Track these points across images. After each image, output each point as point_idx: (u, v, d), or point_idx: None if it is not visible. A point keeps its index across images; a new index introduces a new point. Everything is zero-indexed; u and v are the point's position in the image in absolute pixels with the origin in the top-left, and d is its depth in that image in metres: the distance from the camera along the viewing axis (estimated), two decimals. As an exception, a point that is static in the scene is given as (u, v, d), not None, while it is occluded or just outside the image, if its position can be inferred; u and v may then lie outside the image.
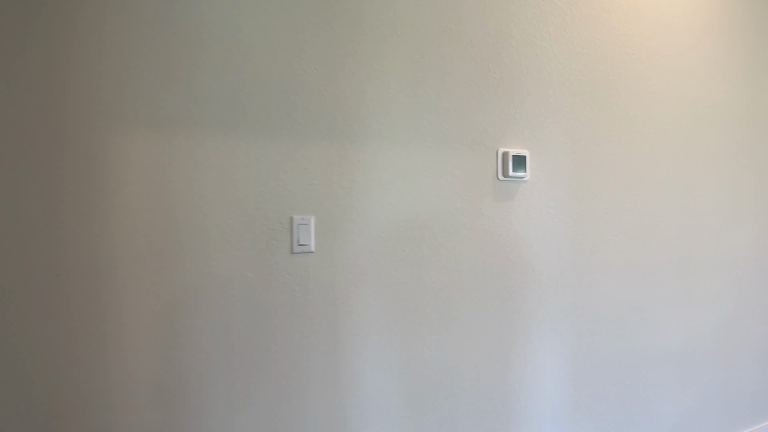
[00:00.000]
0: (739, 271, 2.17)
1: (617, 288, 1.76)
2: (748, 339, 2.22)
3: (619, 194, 1.76)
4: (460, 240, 1.44)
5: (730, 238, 2.12)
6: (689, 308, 1.98)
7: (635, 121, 1.81)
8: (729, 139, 2.11)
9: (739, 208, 2.16)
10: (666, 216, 1.90)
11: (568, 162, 1.64)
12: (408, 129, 1.37)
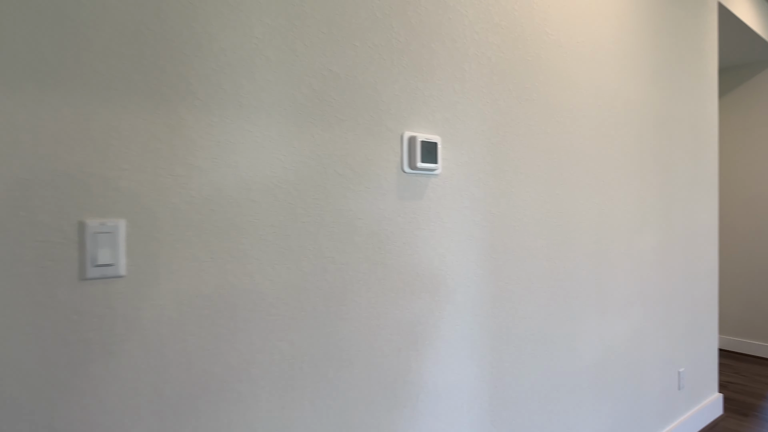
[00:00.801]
0: (645, 276, 2.09)
1: (539, 301, 1.53)
2: (653, 345, 2.15)
3: (540, 193, 1.53)
4: (355, 250, 1.08)
5: (638, 241, 2.03)
6: (604, 319, 1.83)
7: (556, 111, 1.59)
8: (638, 138, 2.02)
9: (646, 210, 2.08)
10: (584, 218, 1.72)
11: (486, 153, 1.36)
12: (281, 96, 0.97)
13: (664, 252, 2.20)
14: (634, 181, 2.00)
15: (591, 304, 1.75)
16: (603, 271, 1.81)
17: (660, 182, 2.17)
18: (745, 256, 3.90)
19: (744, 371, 3.48)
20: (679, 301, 2.32)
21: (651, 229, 2.11)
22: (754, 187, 3.85)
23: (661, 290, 2.18)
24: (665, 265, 2.21)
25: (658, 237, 2.16)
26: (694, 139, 2.45)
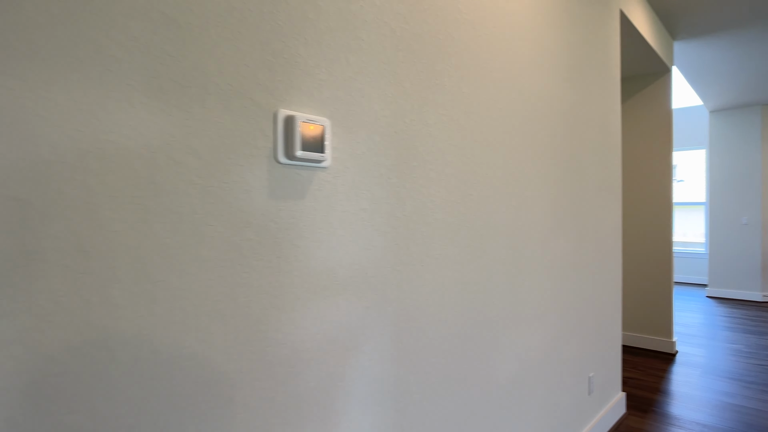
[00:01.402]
0: (560, 281, 1.99)
1: (450, 317, 1.32)
2: (567, 353, 2.07)
3: (453, 193, 1.32)
4: (202, 270, 0.77)
5: (553, 245, 1.92)
6: (520, 331, 1.68)
7: (470, 101, 1.40)
8: (552, 137, 1.91)
9: (560, 213, 1.98)
10: (500, 222, 1.55)
11: (389, 144, 1.12)
12: (74, 42, 0.64)
13: (577, 255, 2.13)
14: (549, 182, 1.88)
15: (507, 316, 1.59)
16: (519, 278, 1.66)
17: (573, 184, 2.09)
18: (637, 255, 4.11)
19: (640, 365, 3.64)
20: (589, 305, 2.28)
21: (565, 233, 2.02)
22: (645, 189, 4.07)
23: (574, 295, 2.11)
24: (577, 269, 2.14)
25: (572, 240, 2.08)
26: (603, 142, 2.43)
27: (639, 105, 4.11)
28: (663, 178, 4.00)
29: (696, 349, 4.10)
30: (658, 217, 4.02)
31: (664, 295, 4.00)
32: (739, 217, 6.49)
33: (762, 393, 3.10)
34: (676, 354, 3.95)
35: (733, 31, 3.72)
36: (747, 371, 3.53)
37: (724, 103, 6.30)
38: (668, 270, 3.98)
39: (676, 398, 3.00)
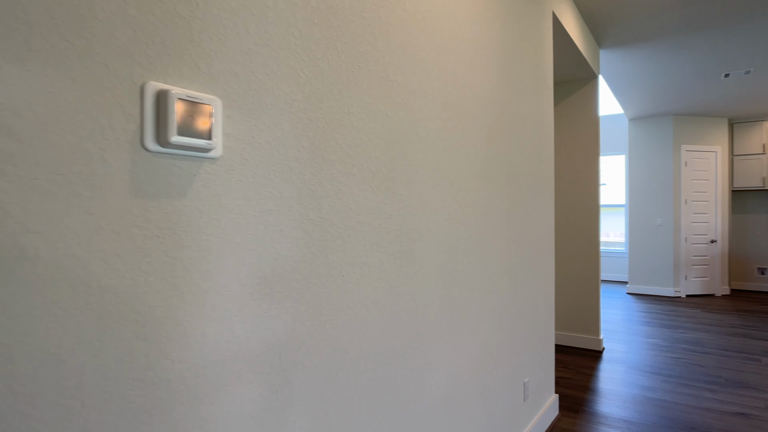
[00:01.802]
0: (495, 287, 1.91)
1: (377, 334, 1.16)
2: (502, 361, 1.99)
3: (379, 192, 1.17)
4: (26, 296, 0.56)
5: (488, 249, 1.83)
6: (454, 343, 1.56)
7: (399, 89, 1.25)
8: (488, 135, 1.82)
9: (496, 214, 1.90)
10: (432, 224, 1.42)
11: (301, 133, 0.94)
12: None
13: (512, 258, 2.07)
14: (484, 182, 1.79)
15: (440, 327, 1.46)
16: (453, 285, 1.54)
17: (508, 184, 2.02)
18: (567, 255, 4.22)
19: (571, 364, 3.71)
20: (524, 308, 2.23)
21: (500, 235, 1.94)
22: (574, 192, 4.18)
23: (509, 299, 2.03)
24: (512, 272, 2.08)
25: (507, 242, 2.01)
26: (537, 142, 2.40)
27: (568, 110, 4.21)
28: (590, 182, 4.12)
29: (620, 345, 4.27)
30: (586, 218, 4.14)
31: (592, 294, 4.12)
32: (654, 219, 6.94)
33: (679, 386, 3.24)
34: (603, 351, 4.09)
35: (651, 43, 3.91)
36: (665, 365, 3.70)
37: (641, 112, 6.71)
38: (596, 270, 4.10)
39: (605, 396, 3.06)
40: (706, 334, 4.67)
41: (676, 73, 4.85)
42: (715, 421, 2.70)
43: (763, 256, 7.32)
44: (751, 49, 4.09)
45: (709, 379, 3.38)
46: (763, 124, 6.92)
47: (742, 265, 7.45)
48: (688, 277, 6.90)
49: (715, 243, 7.03)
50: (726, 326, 5.01)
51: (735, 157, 7.14)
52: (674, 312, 5.76)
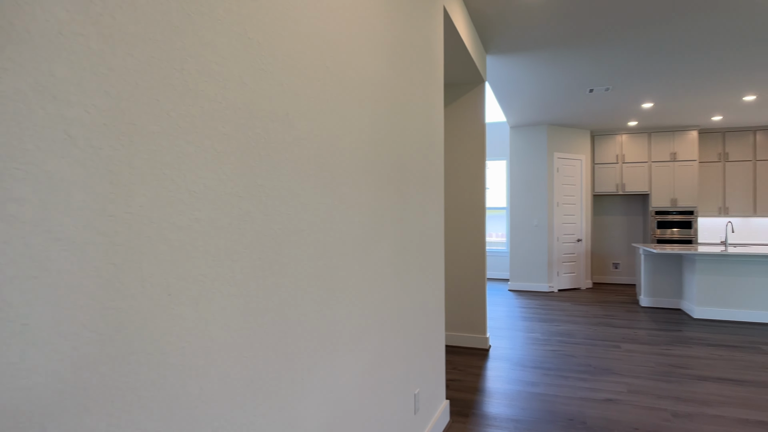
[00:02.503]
0: (382, 293, 1.72)
1: (228, 372, 0.88)
2: (391, 376, 1.81)
3: (229, 182, 0.89)
4: None
5: (375, 252, 1.64)
6: (335, 363, 1.33)
7: (260, 52, 0.99)
8: (374, 124, 1.62)
9: (383, 212, 1.72)
10: (306, 224, 1.17)
11: (91, 85, 0.63)
12: None
13: (401, 260, 1.90)
14: (372, 175, 1.59)
15: (318, 346, 1.22)
16: (333, 295, 1.31)
17: (397, 179, 1.86)
18: (455, 256, 4.26)
19: (461, 365, 3.71)
20: (414, 314, 2.08)
21: (388, 236, 1.76)
22: (461, 194, 4.24)
23: (398, 306, 1.86)
24: (401, 276, 1.91)
25: (396, 245, 1.84)
26: (427, 136, 2.28)
27: (456, 113, 4.25)
28: (477, 185, 4.20)
29: (504, 342, 4.41)
30: (473, 220, 4.20)
31: (479, 294, 4.20)
32: (531, 220, 7.46)
33: (558, 378, 3.39)
34: (489, 349, 4.18)
35: (531, 54, 4.11)
36: (544, 358, 3.88)
37: (520, 121, 7.17)
38: (482, 270, 4.19)
39: (493, 396, 3.07)
40: (575, 326, 5.05)
41: (551, 85, 5.21)
42: (589, 410, 2.83)
43: (617, 252, 8.28)
44: (611, 68, 4.52)
45: (581, 369, 3.60)
46: (616, 137, 7.83)
47: (601, 261, 8.35)
48: (559, 273, 7.53)
49: (581, 242, 7.77)
50: (591, 317, 5.49)
51: (596, 165, 7.97)
52: (549, 306, 6.20)
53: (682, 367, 3.65)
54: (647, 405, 2.91)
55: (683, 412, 2.81)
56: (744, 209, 7.51)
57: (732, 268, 5.36)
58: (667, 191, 7.58)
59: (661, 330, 4.87)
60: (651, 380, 3.36)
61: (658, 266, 6.08)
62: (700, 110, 6.41)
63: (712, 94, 5.60)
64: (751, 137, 7.48)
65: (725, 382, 3.32)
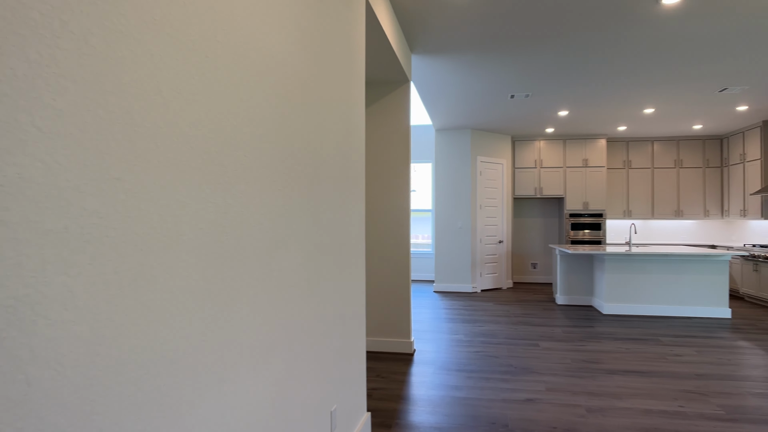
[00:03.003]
0: (291, 305, 1.55)
1: (67, 418, 0.67)
2: (304, 395, 1.63)
3: (57, 170, 0.68)
4: None
5: (281, 259, 1.46)
6: (226, 387, 1.13)
7: (109, 5, 0.78)
8: (282, 114, 1.45)
9: (292, 213, 1.54)
10: (184, 227, 0.97)
11: None
12: None
13: (315, 267, 1.73)
14: (278, 172, 1.41)
15: (201, 375, 1.02)
16: (226, 311, 1.11)
17: (311, 177, 1.69)
18: (378, 259, 4.15)
19: (384, 372, 3.60)
20: (331, 325, 1.92)
21: (300, 239, 1.58)
22: (386, 196, 4.14)
23: (312, 317, 1.69)
24: (316, 284, 1.74)
25: (309, 249, 1.67)
26: (346, 132, 2.13)
27: (381, 112, 4.15)
28: (401, 186, 4.12)
29: (429, 345, 4.38)
30: (397, 223, 4.12)
31: (403, 297, 4.12)
32: (456, 222, 7.59)
33: (481, 380, 3.39)
34: (414, 353, 4.12)
35: (455, 56, 4.12)
36: (468, 360, 3.88)
37: (445, 124, 7.27)
38: (406, 273, 4.11)
39: (416, 403, 2.99)
40: (497, 326, 5.16)
41: (474, 89, 5.29)
42: (511, 411, 2.83)
43: (535, 253, 8.68)
44: (531, 75, 4.67)
45: (503, 369, 3.63)
46: (535, 143, 8.21)
47: (521, 261, 8.71)
48: (482, 273, 7.72)
49: (502, 243, 8.04)
50: (512, 316, 5.66)
51: (516, 169, 8.30)
52: (472, 306, 6.31)
53: (595, 362, 3.81)
54: (564, 402, 2.98)
55: (596, 406, 2.91)
56: (644, 212, 8.19)
57: (635, 266, 5.77)
58: (580, 195, 8.06)
59: (575, 327, 5.11)
60: (567, 377, 3.46)
61: (572, 266, 6.42)
62: (608, 120, 6.87)
63: (618, 106, 6.01)
64: (650, 147, 8.18)
65: (632, 375, 3.51)
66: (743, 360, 3.93)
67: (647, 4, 3.22)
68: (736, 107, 6.12)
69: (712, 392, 3.16)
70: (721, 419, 2.73)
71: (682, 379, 3.42)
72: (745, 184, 7.31)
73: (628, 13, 3.34)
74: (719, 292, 5.62)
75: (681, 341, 4.52)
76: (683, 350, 4.21)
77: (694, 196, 8.06)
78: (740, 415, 2.79)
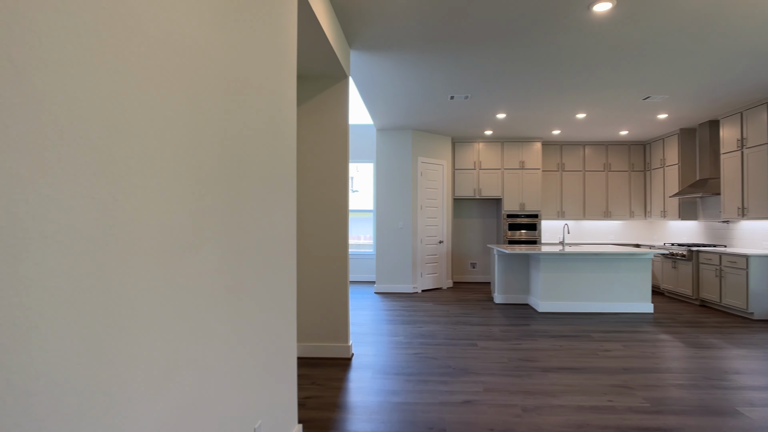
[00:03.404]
0: (204, 315, 1.37)
1: None
2: (219, 415, 1.46)
3: None
4: None
5: (191, 264, 1.28)
6: (117, 415, 0.95)
7: None
8: (195, 102, 1.27)
9: (205, 213, 1.37)
10: (51, 228, 0.79)
11: None
12: None
13: (234, 273, 1.56)
14: (187, 166, 1.24)
15: (76, 407, 0.84)
16: (112, 329, 0.93)
17: (231, 173, 1.52)
18: (314, 261, 3.99)
19: (319, 379, 3.44)
20: (254, 336, 1.75)
21: (215, 243, 1.41)
22: (322, 196, 3.99)
23: (229, 330, 1.52)
24: (235, 291, 1.57)
25: (226, 253, 1.49)
26: (275, 126, 1.96)
27: (318, 108, 3.99)
28: (340, 185, 3.98)
29: (367, 348, 4.27)
30: (335, 223, 3.98)
31: (341, 300, 3.98)
32: (397, 222, 7.56)
33: (419, 383, 3.32)
34: (352, 357, 3.99)
35: (395, 54, 4.04)
36: (407, 363, 3.81)
37: (386, 124, 7.21)
38: (344, 275, 3.98)
39: (353, 411, 2.86)
40: (437, 326, 5.15)
41: (414, 88, 5.25)
42: (449, 414, 2.78)
43: (474, 253, 8.85)
44: (470, 77, 4.70)
45: (441, 371, 3.59)
46: (474, 145, 8.36)
47: (460, 261, 8.84)
48: (423, 274, 7.74)
49: (443, 243, 8.11)
50: (451, 316, 5.68)
51: (456, 171, 8.40)
52: (413, 307, 6.29)
53: (531, 360, 3.87)
54: (501, 402, 2.97)
55: (532, 405, 2.92)
56: (576, 213, 8.57)
57: (568, 265, 5.99)
58: (517, 196, 8.30)
59: (512, 325, 5.20)
60: (504, 376, 3.48)
61: (509, 265, 6.56)
62: (543, 124, 7.11)
63: (553, 110, 6.23)
64: (581, 151, 8.58)
65: (565, 372, 3.59)
66: (665, 353, 4.15)
67: (579, 11, 3.30)
68: (658, 115, 6.53)
69: (638, 385, 3.29)
70: (647, 412, 2.83)
71: (612, 374, 3.54)
72: (665, 187, 7.84)
73: (562, 18, 3.41)
74: (643, 289, 5.96)
75: (610, 336, 4.72)
76: (612, 345, 4.39)
77: (621, 198, 8.54)
78: (664, 407, 2.91)
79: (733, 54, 4.14)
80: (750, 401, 3.01)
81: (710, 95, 5.50)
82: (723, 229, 6.86)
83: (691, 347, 4.35)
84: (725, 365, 3.79)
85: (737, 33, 3.67)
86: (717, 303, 6.19)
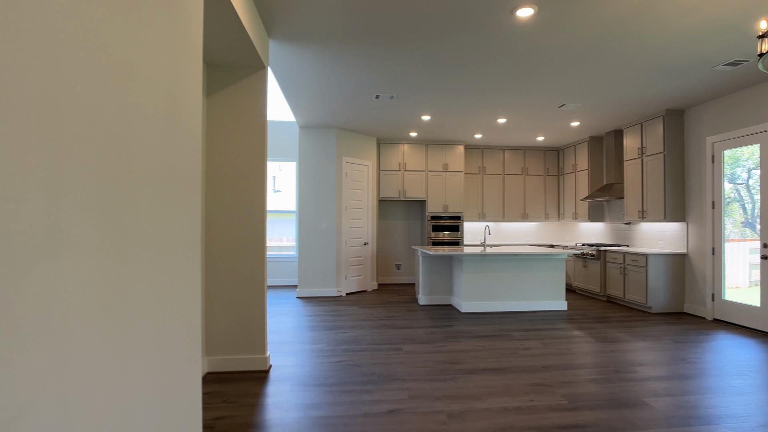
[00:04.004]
0: (68, 339, 1.08)
1: None
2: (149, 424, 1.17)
3: None
4: None
5: (47, 275, 1.00)
6: None
7: None
8: (57, 82, 0.99)
9: (71, 212, 1.08)
10: None
11: None
12: None
13: (112, 283, 1.27)
14: (39, 153, 0.95)
15: None
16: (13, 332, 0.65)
17: (108, 164, 1.23)
18: (225, 266, 3.66)
19: (231, 396, 3.13)
20: (143, 357, 1.46)
21: (84, 248, 1.12)
22: (235, 193, 3.67)
23: (108, 353, 1.23)
24: (114, 304, 1.28)
25: (103, 259, 1.21)
26: (173, 115, 1.68)
27: (232, 99, 3.67)
28: (257, 184, 3.69)
29: (287, 358, 4.00)
30: (250, 225, 3.67)
31: (257, 308, 3.68)
32: (320, 224, 7.31)
33: (341, 394, 3.13)
34: (270, 369, 3.70)
35: (318, 47, 3.82)
36: (329, 372, 3.60)
37: (310, 121, 6.94)
38: (261, 281, 3.69)
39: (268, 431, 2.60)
40: (361, 331, 4.99)
41: (338, 85, 5.06)
42: (373, 427, 2.62)
43: (398, 254, 8.83)
44: (395, 76, 4.60)
45: (365, 379, 3.43)
46: (399, 146, 8.34)
47: (385, 263, 8.78)
48: (347, 276, 7.56)
49: (367, 245, 7.99)
50: (376, 320, 5.55)
51: (381, 172, 8.33)
52: (337, 312, 6.08)
53: (455, 363, 3.84)
54: (426, 410, 2.87)
55: (456, 411, 2.85)
56: (496, 215, 8.87)
57: (489, 265, 6.12)
58: (440, 198, 8.40)
59: (436, 327, 5.18)
60: (429, 381, 3.39)
61: (433, 266, 6.58)
62: (466, 127, 7.24)
63: (475, 114, 6.34)
64: (501, 155, 8.89)
65: (488, 373, 3.59)
66: (579, 348, 4.32)
67: (504, 15, 3.31)
68: (571, 123, 6.90)
69: (556, 383, 3.36)
70: (565, 409, 2.87)
71: (532, 373, 3.59)
72: (576, 190, 8.34)
73: (486, 21, 3.41)
74: (558, 287, 6.24)
75: (529, 335, 4.85)
76: (531, 343, 4.50)
77: (537, 201, 8.97)
78: (580, 402, 2.98)
79: (640, 67, 4.42)
80: (654, 392, 3.18)
81: (616, 105, 5.89)
82: (626, 230, 7.42)
83: (601, 342, 4.58)
84: (631, 358, 4.02)
85: (648, 47, 3.91)
86: (621, 299, 6.65)
